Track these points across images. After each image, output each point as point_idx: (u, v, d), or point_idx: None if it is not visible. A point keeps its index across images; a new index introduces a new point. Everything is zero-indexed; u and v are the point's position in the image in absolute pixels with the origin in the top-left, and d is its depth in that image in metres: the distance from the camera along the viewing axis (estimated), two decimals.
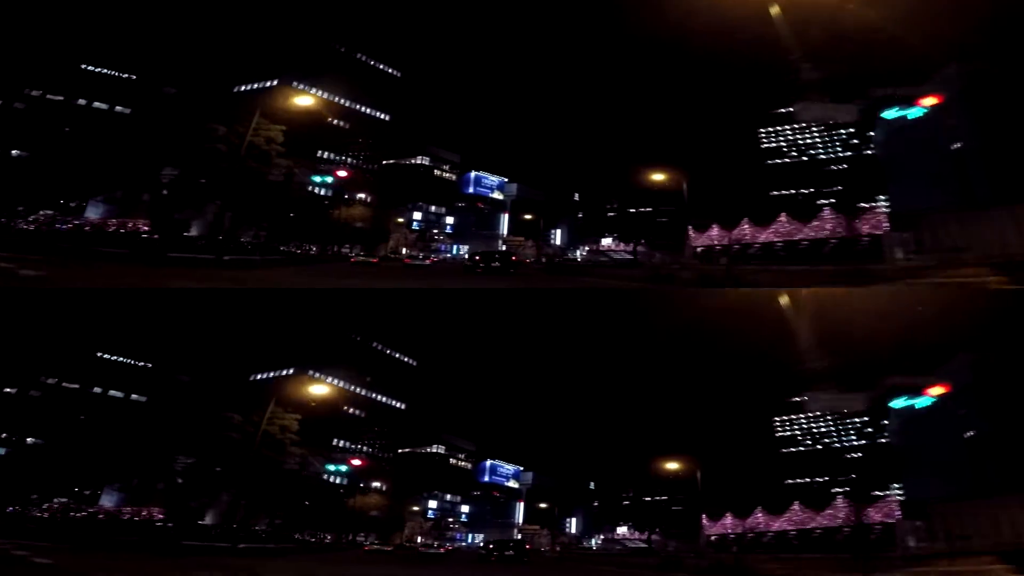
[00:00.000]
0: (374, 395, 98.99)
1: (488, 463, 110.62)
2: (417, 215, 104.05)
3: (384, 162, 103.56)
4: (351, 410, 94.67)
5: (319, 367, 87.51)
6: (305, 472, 66.78)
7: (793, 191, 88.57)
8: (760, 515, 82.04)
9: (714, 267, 70.02)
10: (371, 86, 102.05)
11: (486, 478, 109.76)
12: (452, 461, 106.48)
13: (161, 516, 65.34)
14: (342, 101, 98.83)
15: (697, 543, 79.87)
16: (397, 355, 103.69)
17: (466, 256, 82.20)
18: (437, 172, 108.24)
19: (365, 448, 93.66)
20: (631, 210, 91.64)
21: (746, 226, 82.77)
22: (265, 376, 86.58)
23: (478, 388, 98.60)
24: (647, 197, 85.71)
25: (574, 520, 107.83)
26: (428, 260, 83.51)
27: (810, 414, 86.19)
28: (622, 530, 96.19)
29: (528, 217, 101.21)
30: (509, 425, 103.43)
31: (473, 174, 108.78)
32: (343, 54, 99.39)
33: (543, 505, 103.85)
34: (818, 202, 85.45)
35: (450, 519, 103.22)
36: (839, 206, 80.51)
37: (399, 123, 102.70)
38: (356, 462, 75.35)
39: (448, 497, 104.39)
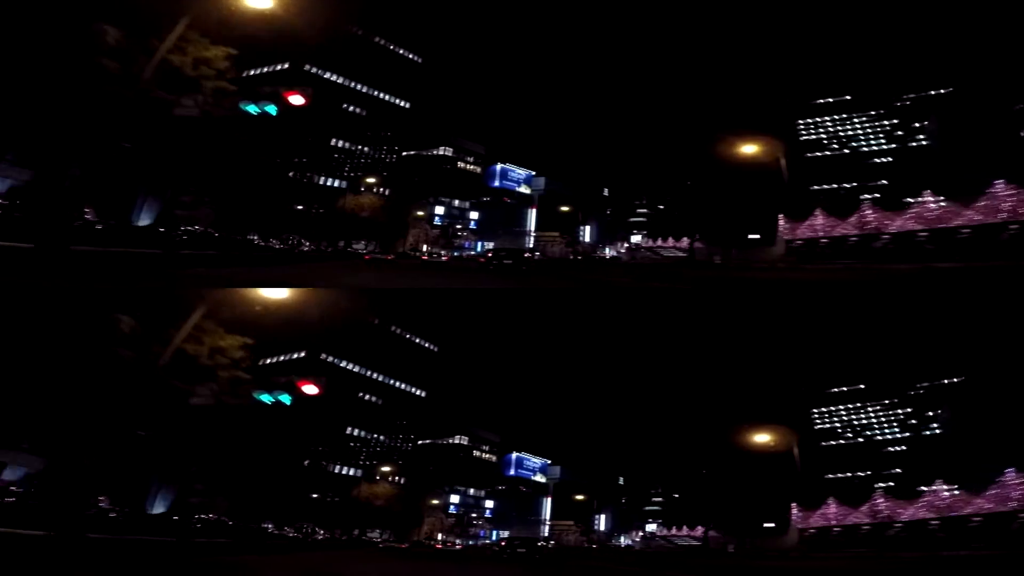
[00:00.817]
0: (392, 381, 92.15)
1: (514, 456, 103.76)
2: (439, 209, 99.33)
3: (404, 153, 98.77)
4: (366, 396, 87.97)
5: (331, 350, 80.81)
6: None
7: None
8: (882, 500, 71.14)
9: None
10: (390, 72, 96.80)
11: (511, 472, 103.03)
12: (476, 453, 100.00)
13: None
14: (358, 86, 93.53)
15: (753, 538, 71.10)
16: (417, 340, 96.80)
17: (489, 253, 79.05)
18: (460, 164, 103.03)
19: (381, 437, 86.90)
20: (660, 205, 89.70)
21: (869, 211, 72.82)
22: (275, 360, 80.00)
23: (503, 378, 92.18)
24: (683, 190, 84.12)
25: (603, 517, 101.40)
26: (444, 257, 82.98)
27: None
28: (651, 527, 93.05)
29: (559, 211, 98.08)
30: (535, 417, 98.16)
31: (499, 166, 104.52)
32: (360, 37, 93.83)
33: (579, 497, 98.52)
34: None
35: (473, 515, 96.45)
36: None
37: (420, 111, 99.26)
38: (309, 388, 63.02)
39: (471, 492, 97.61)
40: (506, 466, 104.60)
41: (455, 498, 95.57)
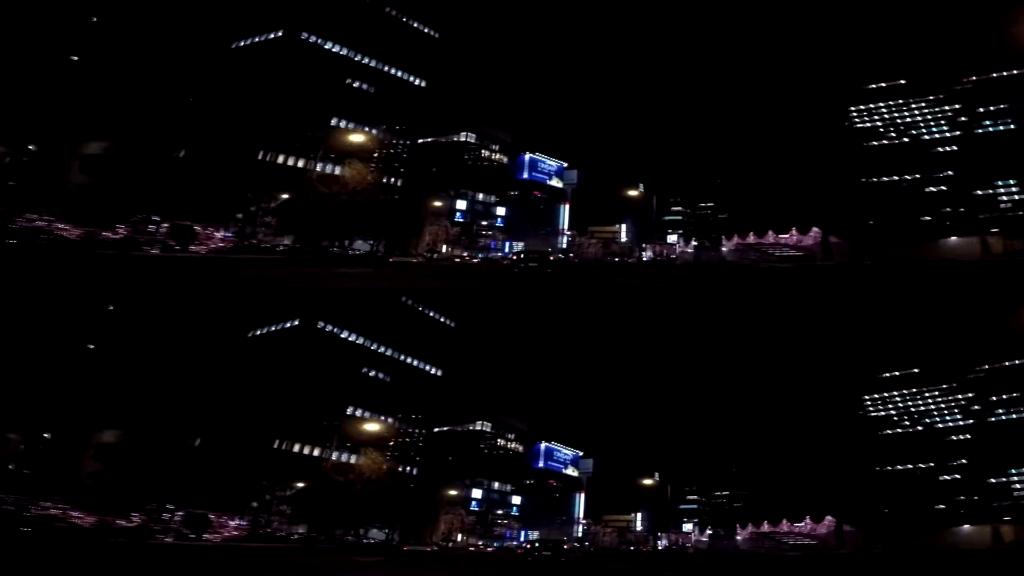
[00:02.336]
0: (403, 356, 79.39)
1: (543, 446, 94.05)
2: (461, 204, 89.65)
3: (420, 140, 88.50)
4: (372, 372, 75.31)
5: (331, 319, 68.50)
6: None
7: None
8: None
9: None
10: (403, 45, 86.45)
11: (540, 463, 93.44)
12: (500, 442, 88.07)
13: None
14: (366, 60, 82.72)
15: None
16: (431, 313, 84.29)
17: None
18: (484, 153, 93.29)
19: (390, 420, 74.24)
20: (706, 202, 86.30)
21: None
22: (264, 331, 67.86)
23: (531, 359, 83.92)
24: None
25: (639, 516, 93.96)
26: (476, 259, 78.09)
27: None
28: (688, 527, 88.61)
29: (594, 207, 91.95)
30: (566, 404, 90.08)
31: (527, 156, 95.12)
32: (368, 5, 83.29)
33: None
34: None
35: (499, 511, 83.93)
36: None
37: (437, 91, 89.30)
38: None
39: (496, 486, 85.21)
40: (534, 457, 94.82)
41: (477, 493, 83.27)
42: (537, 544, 54.22)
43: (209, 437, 60.23)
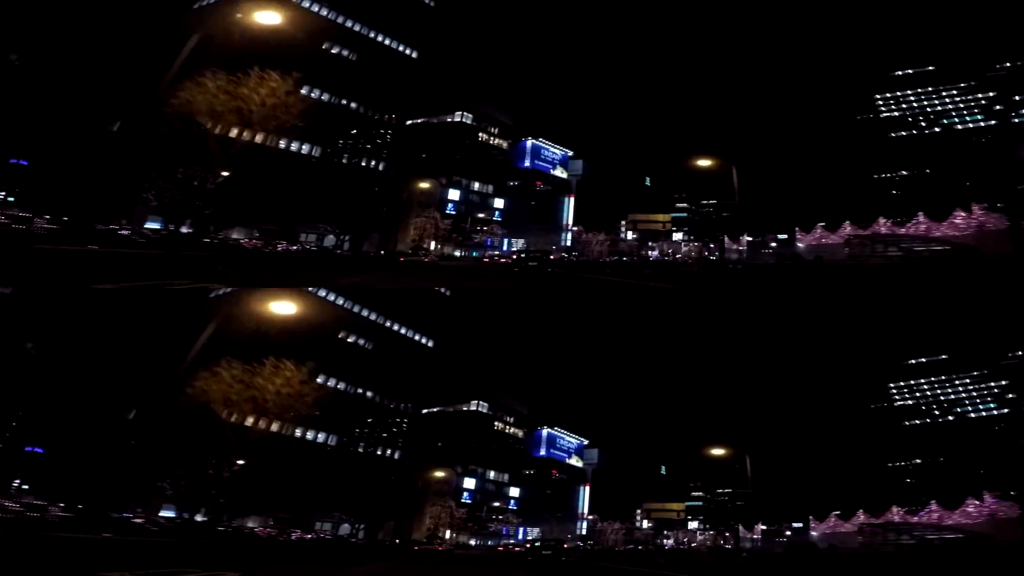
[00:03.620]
0: (388, 322, 68.41)
1: (544, 432, 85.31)
2: (454, 194, 79.32)
3: (409, 122, 77.56)
4: (350, 337, 64.38)
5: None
6: None
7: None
8: None
9: None
10: (394, 11, 75.14)
11: (542, 451, 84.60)
12: (497, 426, 77.86)
13: None
14: (348, 23, 71.26)
15: None
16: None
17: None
18: (482, 136, 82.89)
19: (369, 394, 63.40)
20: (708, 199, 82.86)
21: None
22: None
23: (533, 336, 74.57)
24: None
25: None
26: (485, 258, 71.20)
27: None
28: (693, 525, 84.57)
29: (597, 203, 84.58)
30: (571, 387, 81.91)
31: (529, 142, 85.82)
32: None
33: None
34: None
35: (495, 503, 73.68)
36: None
37: (431, 65, 77.92)
38: None
39: (492, 475, 74.65)
40: (535, 444, 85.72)
41: (470, 482, 72.42)
42: (538, 544, 52.74)
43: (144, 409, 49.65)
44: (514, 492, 77.20)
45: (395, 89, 74.25)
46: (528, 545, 55.68)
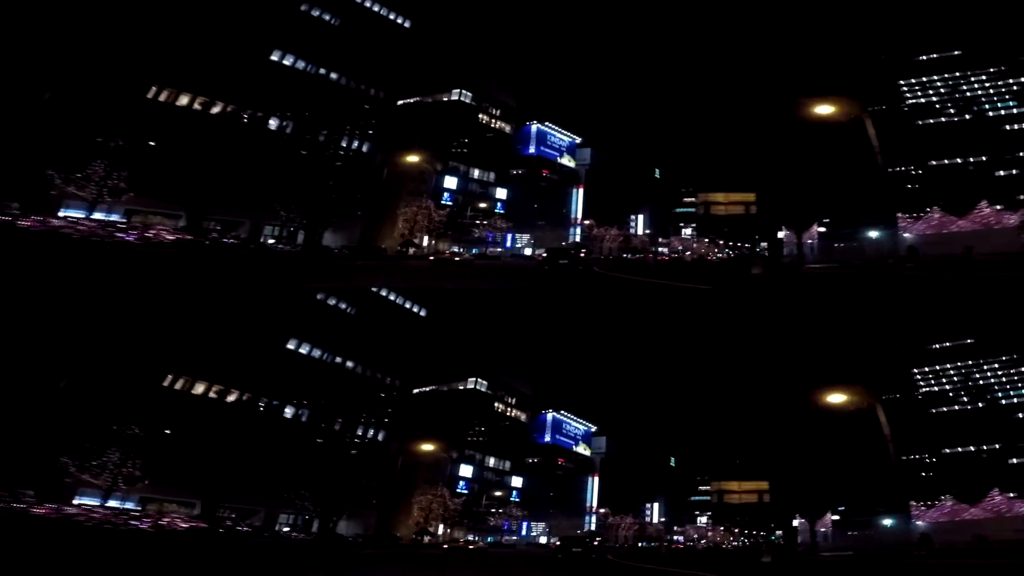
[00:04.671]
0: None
1: (550, 416, 78.02)
2: (451, 181, 70.53)
3: (400, 102, 68.65)
4: (329, 300, 55.26)
5: None
6: None
7: None
8: None
9: None
10: None
11: (547, 437, 77.07)
12: (498, 407, 68.95)
13: None
14: None
15: None
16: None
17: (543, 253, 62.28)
18: (483, 118, 73.91)
19: (349, 365, 54.33)
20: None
21: None
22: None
23: (541, 313, 64.94)
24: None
25: (655, 507, 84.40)
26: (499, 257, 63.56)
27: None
28: (703, 520, 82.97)
29: (607, 195, 77.99)
30: (579, 369, 74.60)
31: (535, 127, 77.84)
32: None
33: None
34: None
35: (496, 494, 65.13)
36: None
37: (428, 37, 70.13)
38: None
39: (491, 462, 66.05)
40: (539, 429, 78.02)
41: (466, 470, 63.51)
42: (567, 541, 49.00)
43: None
44: (516, 482, 68.88)
45: (384, 61, 65.60)
46: (559, 543, 50.54)
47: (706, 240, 76.72)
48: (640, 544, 75.81)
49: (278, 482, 41.87)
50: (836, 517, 66.45)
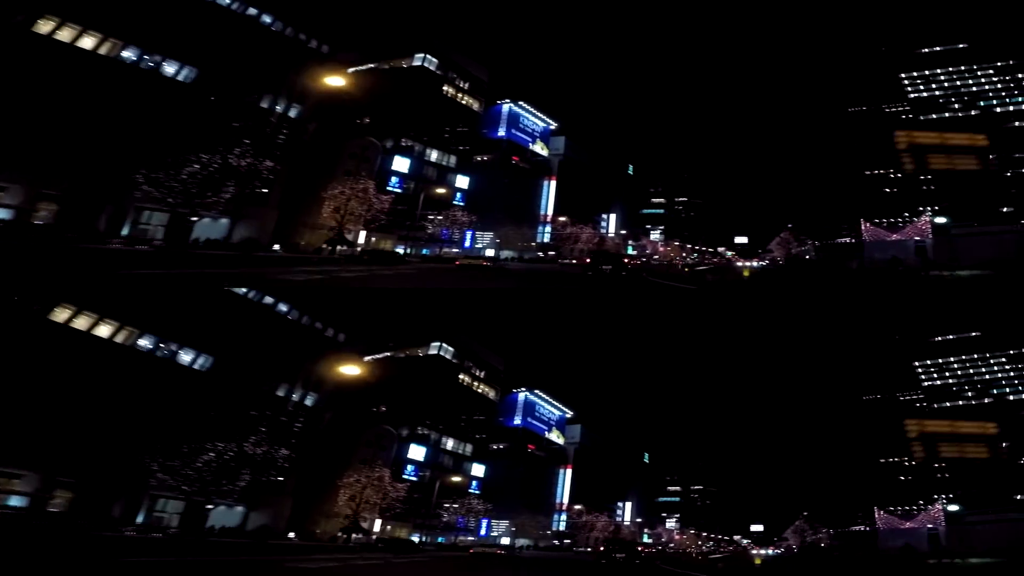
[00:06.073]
0: None
1: (522, 396, 69.03)
2: (401, 163, 57.44)
3: (352, 69, 54.34)
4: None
5: None
6: None
7: None
8: None
9: None
10: None
11: (517, 420, 67.63)
12: (464, 379, 58.53)
13: None
14: None
15: None
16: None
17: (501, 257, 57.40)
18: (449, 91, 61.93)
19: (284, 308, 42.30)
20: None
21: None
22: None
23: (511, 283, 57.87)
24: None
25: (628, 506, 77.69)
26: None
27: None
28: (671, 524, 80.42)
29: (579, 189, 70.54)
30: (555, 347, 67.68)
31: (507, 106, 68.10)
32: None
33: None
34: None
35: (454, 479, 54.62)
36: None
37: None
38: None
39: (450, 444, 55.29)
40: (509, 410, 67.11)
41: (418, 451, 52.06)
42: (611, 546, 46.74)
43: None
44: (477, 470, 58.04)
45: (334, 8, 51.05)
46: (601, 548, 48.52)
47: (676, 243, 73.17)
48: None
49: (146, 449, 30.40)
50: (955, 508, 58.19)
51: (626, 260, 56.41)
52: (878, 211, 66.84)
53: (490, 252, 60.59)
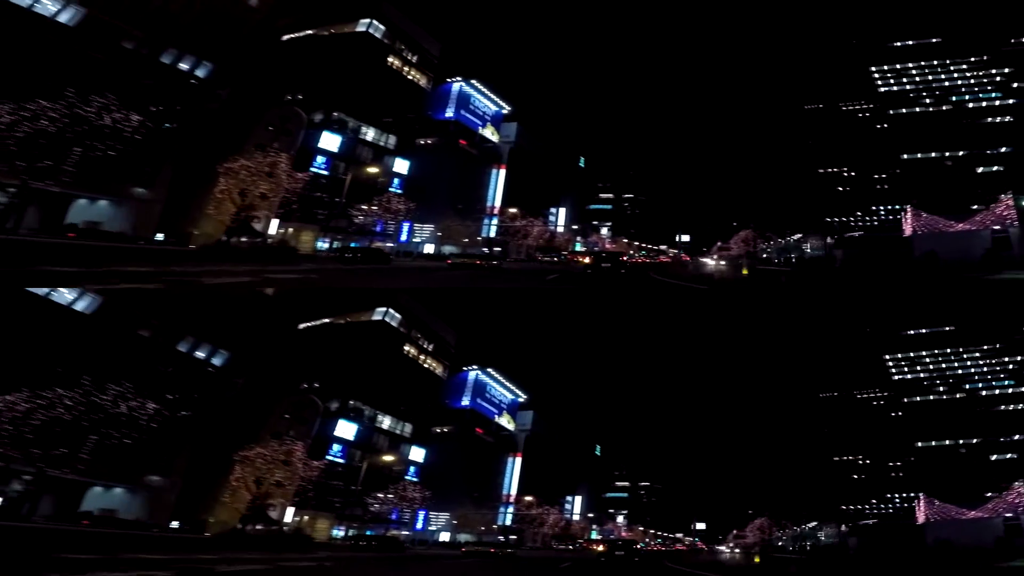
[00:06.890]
0: None
1: (473, 375, 62.98)
2: (330, 140, 49.72)
3: (288, 36, 48.67)
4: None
5: None
6: None
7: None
8: None
9: None
10: None
11: (465, 400, 61.56)
12: (409, 351, 52.46)
13: None
14: None
15: None
16: None
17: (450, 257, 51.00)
18: (394, 62, 55.51)
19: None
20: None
21: None
22: None
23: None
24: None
25: (578, 500, 75.35)
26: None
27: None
28: (620, 520, 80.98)
29: (528, 180, 66.71)
30: (512, 326, 61.94)
31: (458, 85, 63.72)
32: None
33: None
34: None
35: (386, 458, 48.63)
36: None
37: None
38: None
39: (386, 423, 48.87)
40: (458, 390, 61.86)
41: (347, 428, 45.12)
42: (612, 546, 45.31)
43: None
44: (416, 454, 51.46)
45: None
46: (603, 547, 48.40)
47: (623, 239, 73.53)
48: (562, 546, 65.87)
49: None
50: None
51: (624, 259, 56.04)
52: (833, 209, 66.55)
53: (429, 248, 55.68)
